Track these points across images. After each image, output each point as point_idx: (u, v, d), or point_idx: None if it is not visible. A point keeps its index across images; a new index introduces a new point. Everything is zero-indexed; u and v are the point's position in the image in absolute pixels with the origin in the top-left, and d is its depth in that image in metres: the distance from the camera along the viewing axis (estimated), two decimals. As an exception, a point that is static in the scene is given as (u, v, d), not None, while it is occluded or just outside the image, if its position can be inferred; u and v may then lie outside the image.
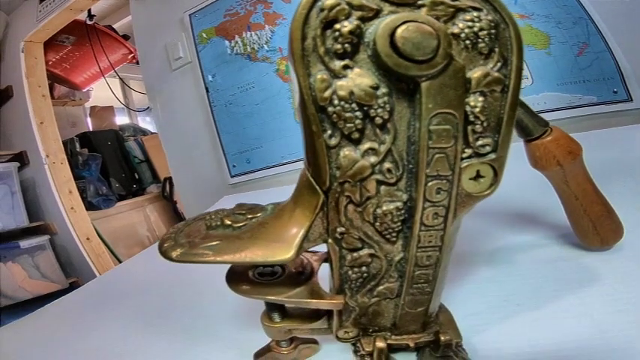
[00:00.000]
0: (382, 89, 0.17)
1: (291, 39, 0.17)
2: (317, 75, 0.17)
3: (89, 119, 2.70)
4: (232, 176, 1.11)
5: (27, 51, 1.72)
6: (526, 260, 0.35)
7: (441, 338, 0.23)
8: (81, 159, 2.13)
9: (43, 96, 1.78)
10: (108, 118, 2.73)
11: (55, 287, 1.72)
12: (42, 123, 1.75)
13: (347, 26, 0.17)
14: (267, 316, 0.25)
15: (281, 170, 1.04)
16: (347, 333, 0.24)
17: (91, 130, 2.56)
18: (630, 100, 0.76)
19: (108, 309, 0.48)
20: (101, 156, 2.26)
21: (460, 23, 0.17)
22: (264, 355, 0.27)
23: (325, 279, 0.24)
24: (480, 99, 0.18)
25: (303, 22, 0.16)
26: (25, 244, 1.70)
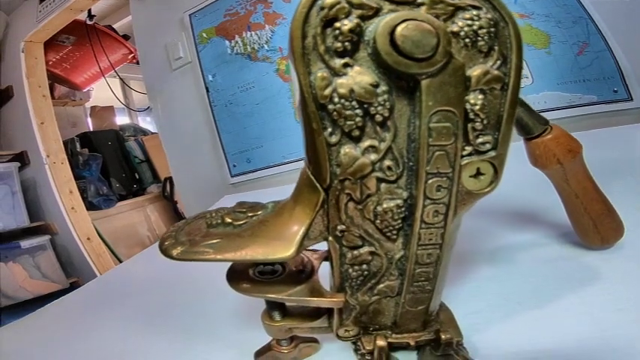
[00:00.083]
0: (382, 87, 0.17)
1: (291, 37, 0.17)
2: (317, 73, 0.17)
3: (89, 119, 2.70)
4: (233, 176, 1.11)
5: (27, 51, 1.72)
6: (527, 259, 0.35)
7: (442, 337, 0.23)
8: (81, 159, 2.14)
9: (44, 96, 1.78)
10: (108, 118, 2.73)
11: (56, 287, 1.73)
12: (42, 123, 1.75)
13: (347, 24, 0.17)
14: (267, 315, 0.25)
15: (281, 170, 1.04)
16: (347, 332, 0.24)
17: (92, 130, 2.56)
18: (630, 100, 0.76)
19: (108, 309, 0.48)
20: (101, 156, 2.26)
21: (460, 21, 0.17)
22: (264, 354, 0.27)
23: (326, 277, 0.24)
24: (480, 97, 0.18)
25: (303, 21, 0.17)
26: (26, 244, 1.70)
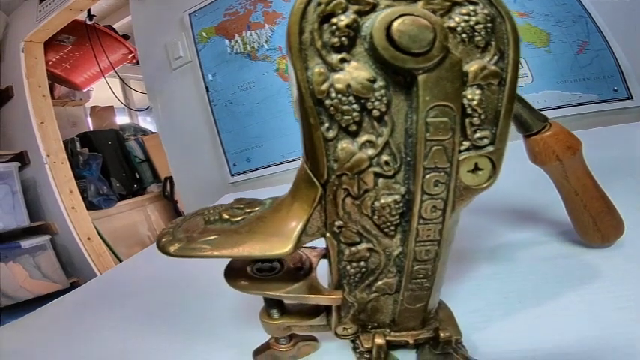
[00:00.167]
0: (379, 82, 0.17)
1: (288, 33, 0.17)
2: (314, 68, 0.17)
3: (89, 119, 2.70)
4: (233, 175, 1.11)
5: (27, 51, 1.72)
6: (526, 257, 0.35)
7: (441, 335, 0.23)
8: (81, 159, 2.14)
9: (44, 96, 1.78)
10: (108, 118, 2.73)
11: (56, 287, 1.73)
12: (42, 123, 1.75)
13: (344, 20, 0.17)
14: (265, 313, 0.25)
15: (281, 169, 1.04)
16: (346, 329, 0.24)
17: (92, 130, 2.56)
18: (630, 98, 0.76)
19: (108, 308, 0.48)
20: (102, 156, 2.26)
21: (456, 17, 0.17)
22: (263, 353, 0.27)
23: (324, 275, 0.24)
24: (478, 92, 0.18)
25: (300, 17, 0.17)
26: (26, 244, 1.70)
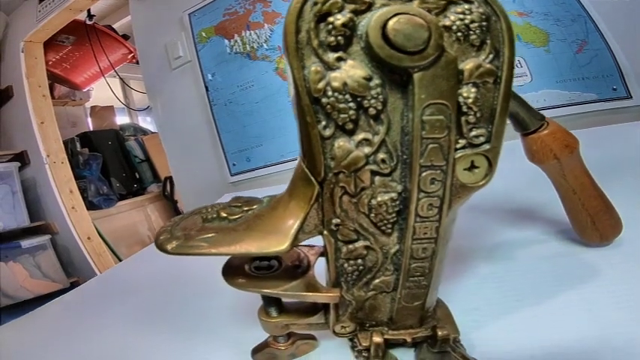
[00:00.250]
0: (375, 80, 0.17)
1: (285, 32, 0.17)
2: (311, 67, 0.17)
3: (89, 119, 2.70)
4: (232, 175, 1.11)
5: (27, 51, 1.72)
6: (525, 256, 0.35)
7: (439, 333, 0.23)
8: (81, 159, 2.14)
9: (44, 96, 1.78)
10: (108, 118, 2.73)
11: (56, 287, 1.73)
12: (42, 123, 1.75)
13: (340, 19, 0.17)
14: (264, 311, 0.25)
15: (281, 168, 1.04)
16: (344, 328, 0.24)
17: (92, 130, 2.56)
18: (629, 98, 0.76)
19: (107, 307, 0.48)
20: (102, 155, 2.26)
21: (451, 16, 0.17)
22: (261, 351, 0.27)
23: (322, 274, 0.24)
24: (473, 90, 0.18)
25: (297, 16, 0.17)
26: (26, 244, 1.71)
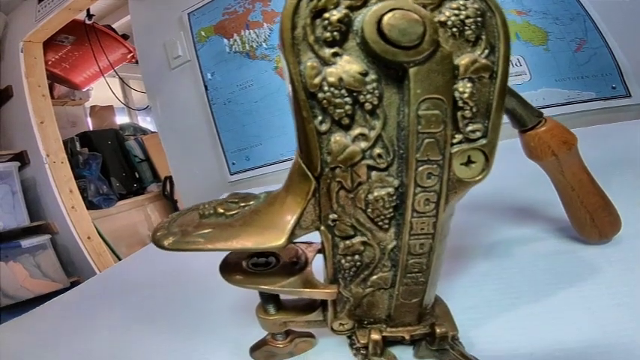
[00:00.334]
0: (371, 75, 0.17)
1: (281, 28, 0.17)
2: (307, 62, 0.17)
3: (89, 119, 2.70)
4: (232, 174, 1.11)
5: (26, 51, 1.72)
6: (524, 254, 0.35)
7: (437, 330, 0.23)
8: (81, 158, 2.14)
9: (43, 96, 1.78)
10: (108, 118, 2.73)
11: (57, 286, 1.73)
12: (42, 122, 1.75)
13: (336, 15, 0.17)
14: (262, 309, 0.25)
15: (280, 167, 1.04)
16: (342, 325, 0.24)
17: (91, 130, 2.56)
18: (629, 96, 0.76)
19: (106, 306, 0.48)
20: (101, 155, 2.26)
21: (447, 11, 0.17)
22: (260, 349, 0.27)
23: (320, 272, 0.24)
24: (469, 85, 0.18)
25: (293, 12, 0.17)
26: (26, 244, 1.71)
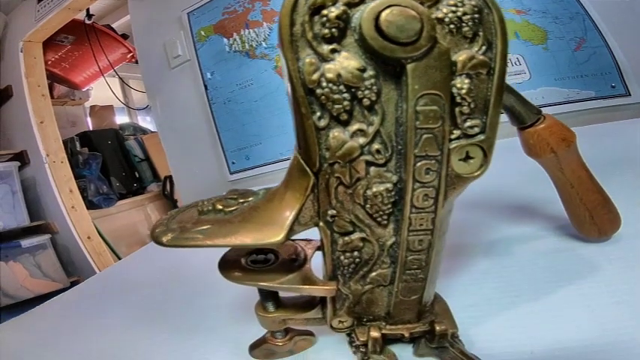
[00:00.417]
0: (369, 72, 0.18)
1: (280, 25, 0.17)
2: (305, 59, 0.17)
3: (89, 119, 2.70)
4: (232, 173, 1.11)
5: (26, 51, 1.72)
6: (524, 252, 0.35)
7: (436, 328, 0.23)
8: (81, 158, 2.14)
9: (43, 95, 1.78)
10: (108, 118, 2.73)
11: (57, 286, 1.73)
12: (42, 122, 1.75)
13: (334, 12, 0.17)
14: (261, 306, 0.25)
15: (280, 167, 1.04)
16: (341, 323, 0.24)
17: (91, 130, 2.56)
18: (628, 95, 0.76)
19: (106, 305, 0.48)
20: (101, 155, 2.26)
21: (444, 8, 0.17)
22: (259, 347, 0.27)
23: (320, 269, 0.24)
24: (467, 81, 0.18)
25: (291, 9, 0.17)
26: (26, 243, 1.71)
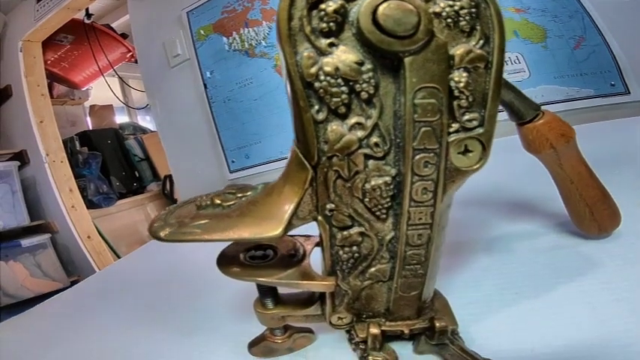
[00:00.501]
0: (367, 65, 0.18)
1: (278, 19, 0.17)
2: (303, 53, 0.17)
3: (89, 118, 2.70)
4: (231, 172, 1.11)
5: (25, 50, 1.72)
6: (524, 249, 0.35)
7: (436, 324, 0.23)
8: (81, 157, 2.14)
9: (42, 95, 1.78)
10: (107, 117, 2.73)
11: (57, 286, 1.73)
12: (42, 122, 1.75)
13: (332, 6, 0.17)
14: (260, 303, 0.25)
15: (279, 165, 1.03)
16: (340, 319, 0.24)
17: (91, 129, 2.56)
18: (627, 93, 0.76)
19: (105, 304, 0.48)
20: (101, 154, 2.26)
21: (441, 2, 0.17)
22: (258, 345, 0.27)
23: (319, 267, 0.24)
24: (464, 75, 0.18)
25: (289, 4, 0.17)
26: (27, 243, 1.71)
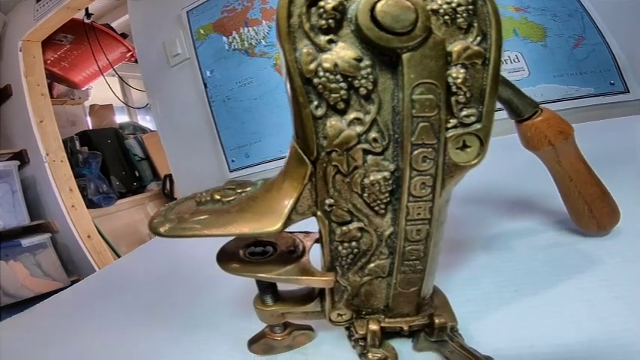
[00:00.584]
0: (365, 61, 0.18)
1: (277, 17, 0.17)
2: (303, 49, 0.17)
3: (89, 118, 2.70)
4: (231, 171, 1.11)
5: (25, 50, 1.72)
6: (523, 246, 0.35)
7: (436, 321, 0.23)
8: (81, 157, 2.14)
9: (42, 95, 1.78)
10: (107, 117, 2.73)
11: (57, 285, 1.73)
12: (41, 121, 1.75)
13: (330, 3, 0.17)
14: (259, 300, 0.25)
15: (279, 164, 1.02)
16: (340, 316, 0.24)
17: (91, 129, 2.56)
18: (627, 92, 0.76)
19: (105, 303, 0.48)
20: (101, 154, 2.26)
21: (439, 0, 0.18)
22: (258, 342, 0.27)
23: (318, 263, 0.24)
24: (462, 71, 0.18)
25: (289, 1, 0.17)
26: (27, 243, 1.71)
